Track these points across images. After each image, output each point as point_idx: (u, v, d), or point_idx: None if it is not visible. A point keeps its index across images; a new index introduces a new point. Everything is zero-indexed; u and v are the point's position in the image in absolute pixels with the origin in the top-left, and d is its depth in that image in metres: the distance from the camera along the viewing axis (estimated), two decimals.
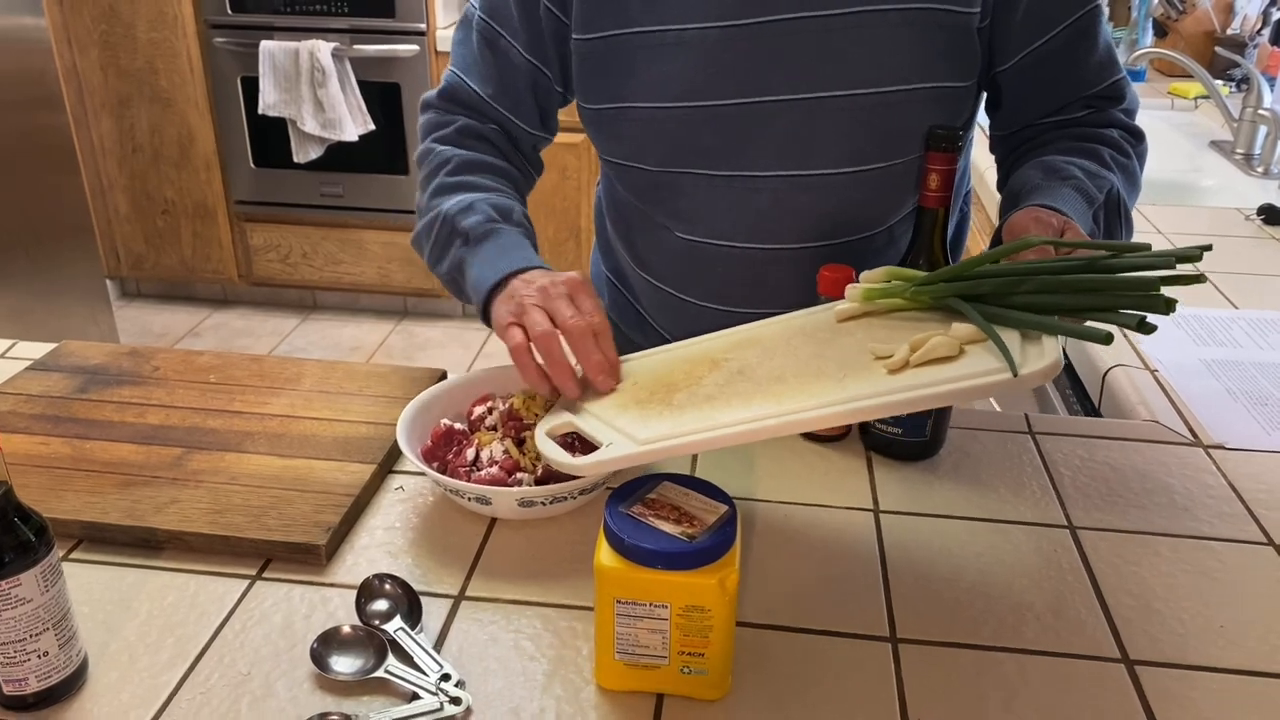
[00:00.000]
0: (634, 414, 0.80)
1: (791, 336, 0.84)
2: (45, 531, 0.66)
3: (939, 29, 0.91)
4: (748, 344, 0.86)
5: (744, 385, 0.78)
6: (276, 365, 1.10)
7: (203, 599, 0.78)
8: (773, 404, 0.74)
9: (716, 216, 1.00)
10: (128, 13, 3.08)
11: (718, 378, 0.81)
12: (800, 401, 0.73)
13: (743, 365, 0.82)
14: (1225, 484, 0.95)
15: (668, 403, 0.80)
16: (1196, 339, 1.20)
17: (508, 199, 1.01)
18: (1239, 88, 2.50)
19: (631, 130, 1.00)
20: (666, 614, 0.67)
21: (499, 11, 1.02)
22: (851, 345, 0.79)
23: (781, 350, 0.82)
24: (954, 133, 0.86)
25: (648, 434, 0.76)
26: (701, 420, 0.76)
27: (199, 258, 3.41)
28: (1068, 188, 0.91)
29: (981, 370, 0.70)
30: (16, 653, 0.66)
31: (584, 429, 0.82)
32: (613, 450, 0.76)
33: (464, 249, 0.97)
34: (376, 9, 3.00)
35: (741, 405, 0.76)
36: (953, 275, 0.80)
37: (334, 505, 0.86)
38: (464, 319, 3.47)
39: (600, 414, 0.83)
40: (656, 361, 0.89)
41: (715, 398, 0.78)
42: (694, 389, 0.81)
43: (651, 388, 0.83)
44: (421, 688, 0.69)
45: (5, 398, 1.03)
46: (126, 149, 3.27)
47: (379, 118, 3.11)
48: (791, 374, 0.78)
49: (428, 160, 1.06)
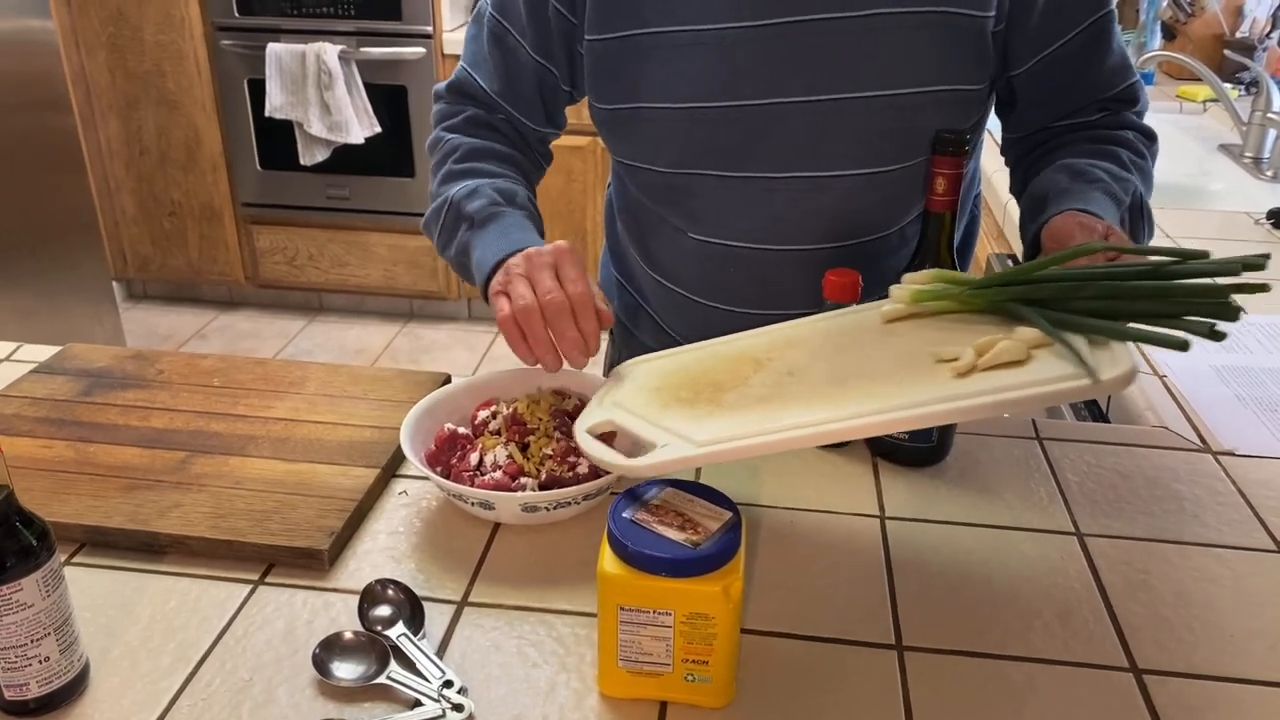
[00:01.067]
0: (681, 413, 0.78)
1: (836, 337, 0.83)
2: (47, 536, 0.66)
3: (955, 32, 0.91)
4: (789, 344, 0.85)
5: (799, 387, 0.77)
6: (281, 369, 1.10)
7: (205, 604, 0.78)
8: (836, 406, 0.72)
9: (731, 218, 1.00)
10: (135, 15, 3.09)
11: (766, 378, 0.79)
12: (866, 404, 0.71)
13: (791, 366, 0.80)
14: (1235, 491, 0.94)
15: (717, 402, 0.78)
16: (1206, 344, 1.19)
17: (512, 184, 1.02)
18: (1248, 91, 2.49)
19: (645, 131, 0.99)
20: (670, 621, 0.66)
21: (509, 9, 1.02)
22: (906, 348, 0.78)
23: (829, 351, 0.81)
24: (960, 136, 0.86)
25: (705, 435, 0.73)
26: (762, 422, 0.73)
27: (205, 260, 3.41)
28: (1096, 191, 0.91)
29: (1057, 376, 0.69)
30: (18, 658, 0.66)
31: (629, 428, 0.79)
32: (669, 451, 0.73)
33: (469, 232, 0.98)
34: (383, 12, 3.01)
35: (801, 407, 0.74)
36: (1010, 279, 0.79)
37: (337, 510, 0.86)
38: (470, 321, 3.47)
39: (643, 412, 0.81)
40: (690, 360, 0.88)
41: (770, 399, 0.76)
42: (742, 389, 0.79)
43: (694, 386, 0.82)
44: (424, 694, 0.69)
45: (9, 401, 1.03)
46: (133, 151, 3.28)
47: (385, 120, 3.11)
48: (850, 376, 0.76)
49: (437, 148, 1.07)
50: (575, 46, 1.01)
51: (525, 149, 1.10)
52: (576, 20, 0.98)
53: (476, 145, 1.05)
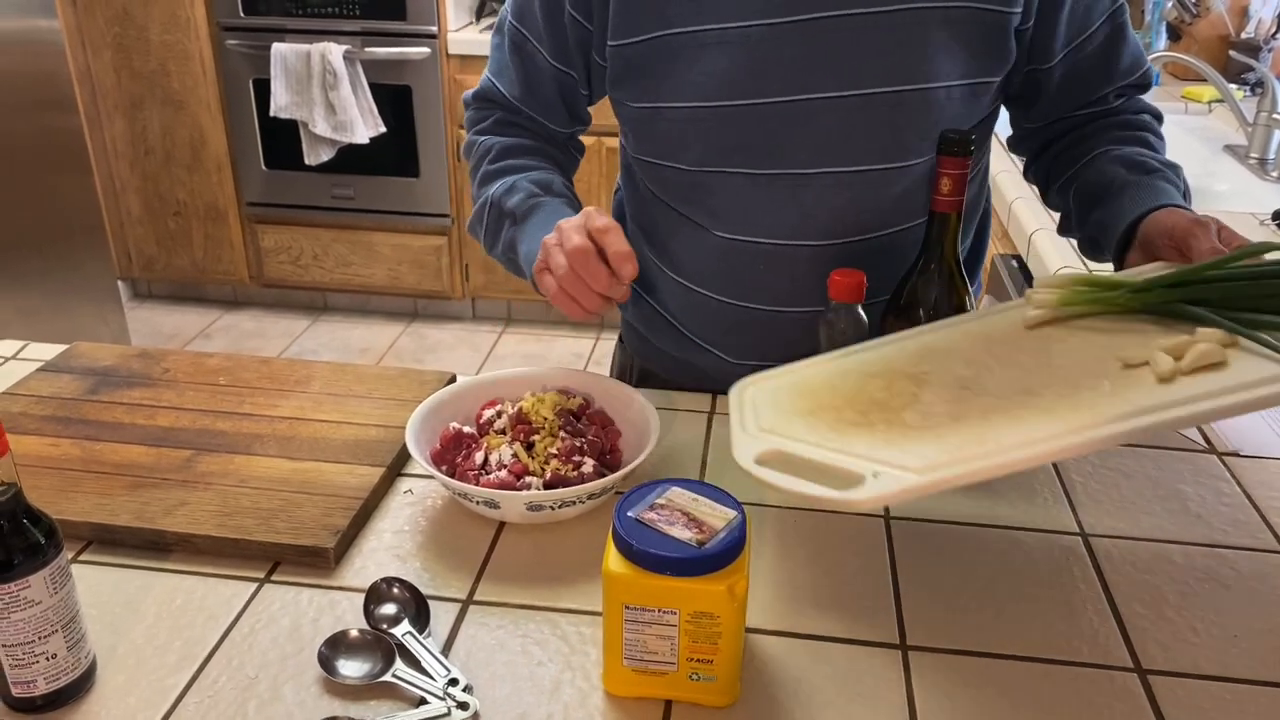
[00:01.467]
0: (864, 437, 0.73)
1: (988, 346, 0.81)
2: (54, 533, 0.66)
3: (979, 26, 0.93)
4: (934, 356, 0.82)
5: (985, 400, 0.73)
6: (286, 367, 1.10)
7: (211, 602, 0.78)
8: (1054, 419, 0.68)
9: (757, 214, 1.00)
10: (141, 15, 3.09)
11: (939, 394, 0.76)
12: (1087, 415, 0.67)
13: (959, 379, 0.77)
14: (1239, 491, 0.94)
15: (899, 424, 0.74)
16: None
17: (547, 174, 1.06)
18: (1253, 91, 2.48)
19: (671, 129, 1.00)
20: (675, 620, 0.66)
21: (526, 18, 1.04)
22: (1081, 354, 0.76)
23: (991, 362, 0.79)
24: (966, 137, 0.86)
25: (919, 460, 0.68)
26: (980, 442, 0.68)
27: (210, 259, 3.42)
28: (1160, 181, 0.94)
29: (1274, 376, 0.66)
30: (25, 655, 0.66)
31: (812, 457, 0.73)
32: (889, 483, 0.67)
33: (513, 229, 1.02)
34: (388, 12, 3.01)
35: (1013, 423, 0.69)
36: (1175, 280, 0.78)
37: (342, 508, 0.86)
38: (474, 321, 3.47)
39: (814, 439, 0.75)
40: (817, 380, 0.84)
41: (965, 417, 0.72)
42: (919, 408, 0.75)
43: (856, 407, 0.78)
44: (429, 692, 0.69)
45: (16, 399, 1.03)
46: (139, 151, 3.29)
47: (390, 120, 3.11)
48: (1038, 386, 0.73)
49: (472, 152, 1.12)
50: (591, 53, 1.01)
51: (555, 144, 1.13)
52: (593, 27, 0.99)
53: (508, 143, 1.09)
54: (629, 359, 1.24)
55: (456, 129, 3.12)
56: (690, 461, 0.97)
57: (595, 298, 0.88)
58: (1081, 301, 0.81)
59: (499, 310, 3.47)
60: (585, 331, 3.38)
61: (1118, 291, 0.80)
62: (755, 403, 0.84)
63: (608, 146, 3.03)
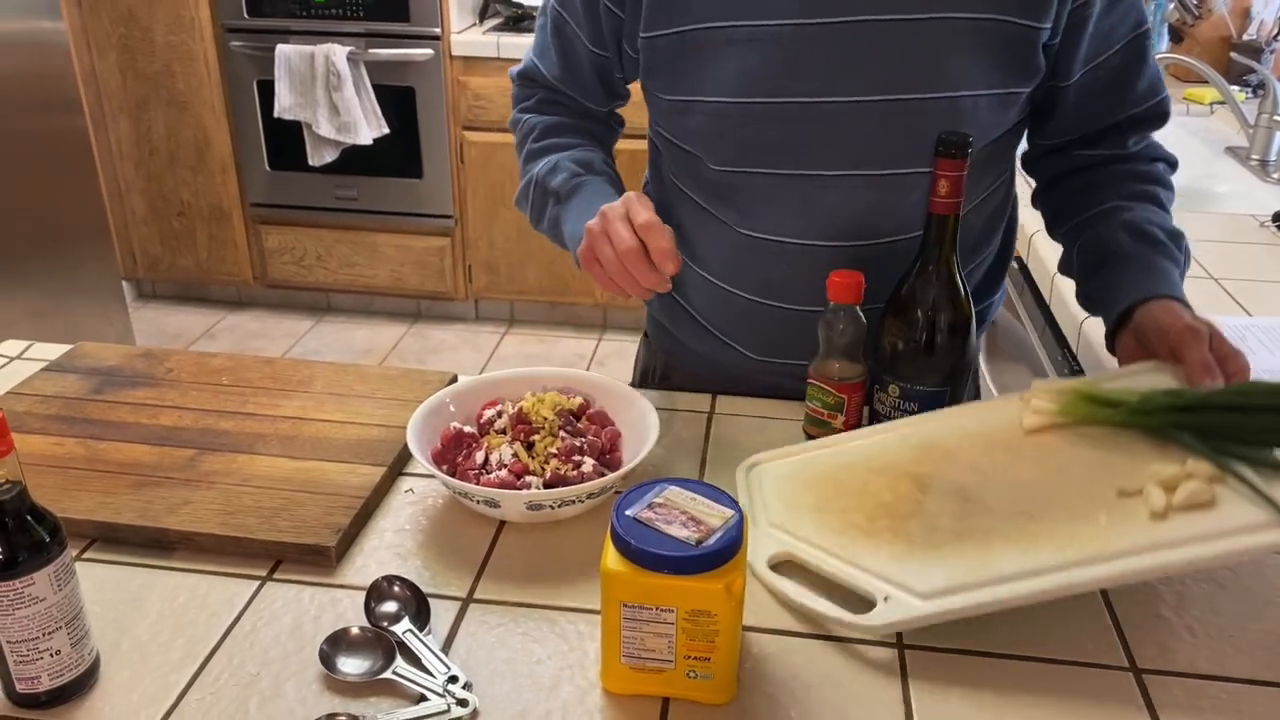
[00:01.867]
0: (870, 547, 0.79)
1: (988, 451, 0.85)
2: (59, 531, 0.67)
3: (1008, 39, 0.93)
4: (935, 454, 0.86)
5: (987, 521, 0.78)
6: (289, 368, 1.11)
7: (213, 599, 0.79)
8: (1053, 548, 0.74)
9: (782, 214, 1.01)
10: (146, 16, 3.10)
11: (942, 505, 0.81)
12: (1082, 550, 0.73)
13: (960, 488, 0.82)
14: None
15: (904, 535, 0.79)
16: None
17: (588, 152, 1.10)
18: (1255, 93, 2.48)
19: (699, 124, 1.01)
20: (673, 618, 0.67)
21: (567, 1, 1.07)
22: (1078, 473, 0.80)
23: (990, 469, 0.83)
24: (964, 139, 0.86)
25: (926, 585, 0.74)
26: (982, 569, 0.74)
27: (214, 260, 3.43)
28: (1162, 259, 0.97)
29: (1261, 522, 0.71)
30: (29, 651, 0.67)
31: (821, 567, 0.79)
32: (900, 610, 0.73)
33: (556, 207, 1.06)
34: (391, 13, 3.02)
35: (1015, 549, 0.75)
36: (1170, 405, 0.81)
37: (344, 507, 0.87)
38: (477, 322, 3.48)
39: (823, 543, 0.81)
40: (825, 466, 0.89)
41: (969, 536, 0.77)
42: (923, 519, 0.80)
43: (863, 509, 0.83)
44: (429, 689, 0.70)
45: (21, 398, 1.04)
46: (143, 151, 3.30)
47: (393, 121, 3.12)
48: (1037, 508, 0.78)
49: (517, 128, 1.17)
50: (623, 42, 1.04)
51: (595, 120, 1.17)
52: (624, 16, 1.01)
53: (551, 122, 1.13)
54: (653, 356, 1.25)
55: (460, 130, 3.13)
56: (689, 461, 0.97)
57: (640, 289, 0.91)
58: (1079, 415, 0.84)
59: (502, 311, 3.48)
60: (588, 332, 3.39)
61: (1115, 409, 0.83)
62: (763, 491, 0.90)
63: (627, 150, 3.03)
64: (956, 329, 0.92)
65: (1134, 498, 0.76)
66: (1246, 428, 0.78)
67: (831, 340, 0.96)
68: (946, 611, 0.72)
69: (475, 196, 3.20)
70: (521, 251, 3.24)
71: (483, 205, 3.21)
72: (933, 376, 0.93)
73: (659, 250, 0.88)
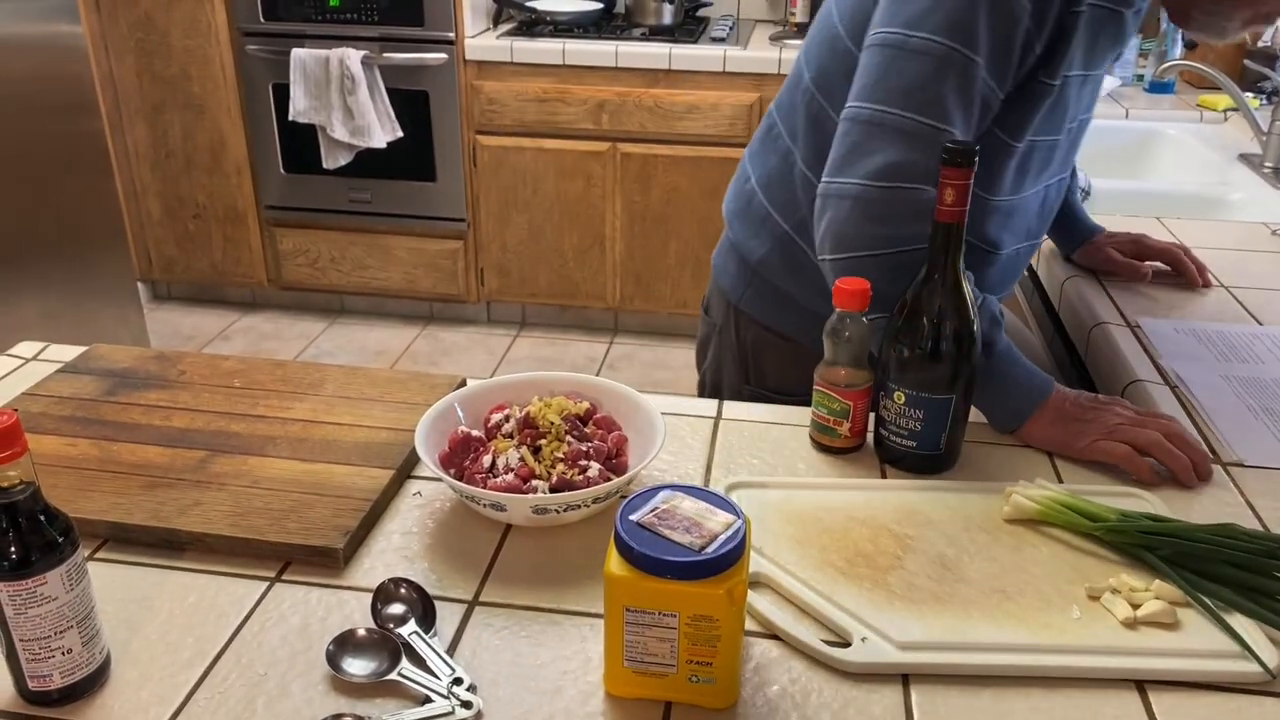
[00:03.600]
0: (847, 589, 0.80)
1: (966, 527, 0.89)
2: (71, 531, 0.68)
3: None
4: (917, 519, 0.89)
5: (965, 590, 0.81)
6: (300, 371, 1.12)
7: (222, 600, 0.80)
8: (1025, 629, 0.77)
9: (1024, 225, 1.18)
10: (163, 20, 3.13)
11: (923, 568, 0.83)
12: (1057, 638, 0.76)
13: (940, 556, 0.85)
14: (1243, 501, 0.94)
15: (886, 587, 0.81)
16: (1219, 355, 1.20)
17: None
18: (1269, 100, 2.47)
19: (1021, 160, 1.09)
20: (675, 623, 0.67)
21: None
22: (1051, 565, 0.84)
23: (971, 545, 0.86)
24: (970, 149, 0.87)
25: (903, 635, 0.75)
26: (958, 631, 0.76)
27: (229, 261, 3.45)
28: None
29: (1223, 650, 0.75)
30: (41, 649, 0.68)
31: (803, 598, 0.80)
32: (875, 653, 0.74)
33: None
34: (406, 18, 3.03)
35: (988, 623, 0.77)
36: (1147, 529, 0.85)
37: (353, 510, 0.88)
38: (489, 324, 3.49)
39: (803, 575, 0.82)
40: (806, 506, 0.90)
41: (947, 600, 0.79)
42: (902, 574, 0.82)
43: (841, 550, 0.85)
44: (434, 691, 0.70)
45: (37, 399, 1.05)
46: (160, 154, 3.32)
47: (407, 125, 3.13)
48: (1014, 590, 0.81)
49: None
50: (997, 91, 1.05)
51: None
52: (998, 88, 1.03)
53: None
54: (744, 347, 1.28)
55: (473, 134, 3.14)
56: (694, 467, 0.98)
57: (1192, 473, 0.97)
58: (1058, 519, 0.88)
59: (513, 314, 3.49)
60: (599, 335, 3.39)
61: (1094, 524, 0.86)
62: (745, 512, 0.90)
63: (623, 152, 3.05)
64: (962, 336, 0.92)
65: (1102, 600, 0.80)
66: (1221, 574, 0.81)
67: (837, 348, 0.97)
68: (921, 665, 0.74)
69: (488, 200, 3.22)
70: (533, 254, 3.25)
71: (495, 208, 3.23)
72: (939, 384, 0.93)
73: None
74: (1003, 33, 0.97)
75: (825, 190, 1.03)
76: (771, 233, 1.20)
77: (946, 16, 0.96)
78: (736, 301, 1.26)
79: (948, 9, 0.96)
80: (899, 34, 0.98)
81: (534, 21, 3.17)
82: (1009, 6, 0.96)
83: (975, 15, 0.96)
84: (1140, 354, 1.19)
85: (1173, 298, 1.35)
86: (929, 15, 0.97)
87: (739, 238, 1.25)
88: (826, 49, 1.12)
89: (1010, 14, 0.96)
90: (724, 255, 1.29)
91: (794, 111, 1.17)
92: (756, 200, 1.22)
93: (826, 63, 1.12)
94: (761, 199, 1.21)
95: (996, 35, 0.97)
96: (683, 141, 3.02)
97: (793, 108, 1.17)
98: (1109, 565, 0.84)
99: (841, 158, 1.01)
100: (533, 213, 3.20)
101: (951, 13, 0.96)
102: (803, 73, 1.16)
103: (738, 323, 1.27)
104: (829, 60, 1.11)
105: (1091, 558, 0.85)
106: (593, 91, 3.01)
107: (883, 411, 0.98)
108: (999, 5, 0.96)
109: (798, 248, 1.17)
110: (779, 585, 0.81)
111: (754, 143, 1.26)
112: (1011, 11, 0.96)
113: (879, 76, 0.99)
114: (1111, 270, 1.39)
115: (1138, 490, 0.94)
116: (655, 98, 2.98)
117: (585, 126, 3.05)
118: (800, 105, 1.15)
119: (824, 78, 1.12)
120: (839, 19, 1.10)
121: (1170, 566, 0.82)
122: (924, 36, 0.97)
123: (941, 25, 0.96)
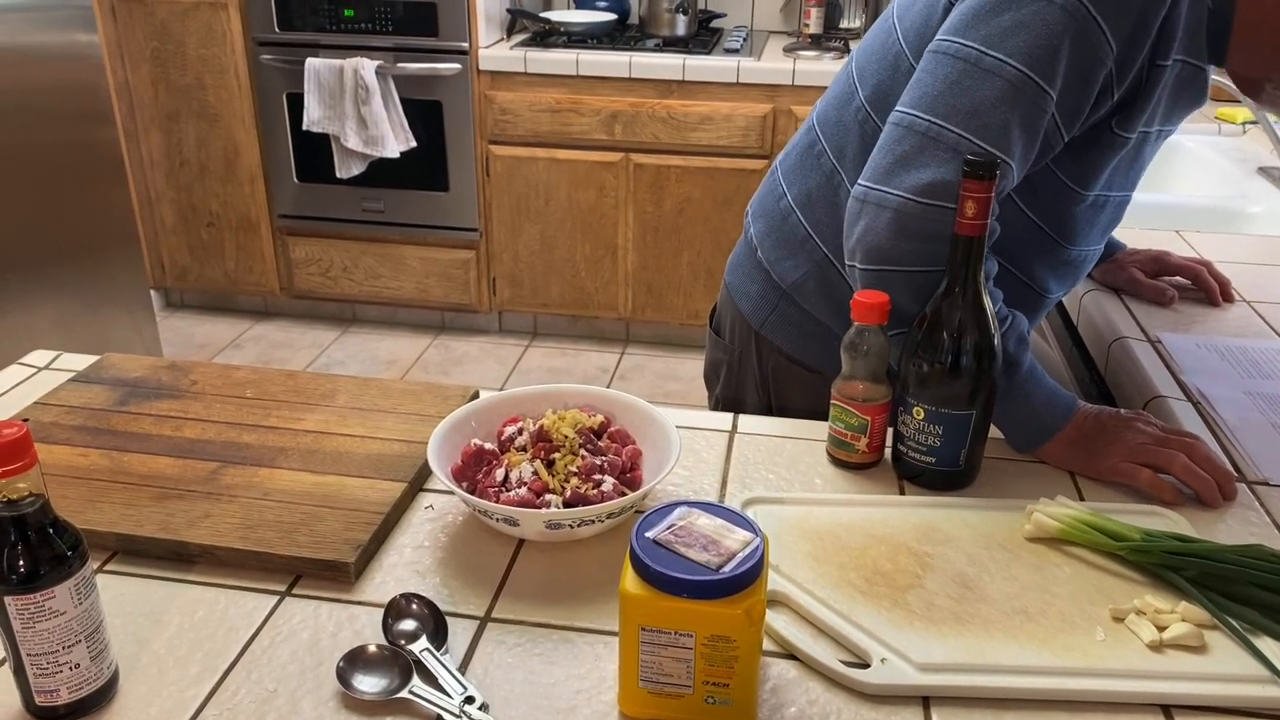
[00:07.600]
0: (866, 609, 0.79)
1: (987, 545, 0.87)
2: (80, 544, 0.67)
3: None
4: (936, 537, 0.88)
5: (986, 610, 0.79)
6: (311, 381, 1.11)
7: (232, 614, 0.79)
8: (1049, 651, 0.75)
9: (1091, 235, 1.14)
10: (178, 30, 3.14)
11: (943, 587, 0.82)
12: (1079, 660, 0.75)
13: (961, 575, 0.83)
14: (1268, 520, 0.92)
15: (906, 606, 0.79)
16: (1242, 371, 1.18)
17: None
18: None
19: (1091, 212, 1.07)
20: (692, 643, 0.66)
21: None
22: (1074, 586, 0.82)
23: (992, 565, 0.85)
24: (992, 162, 0.86)
25: (922, 656, 0.74)
26: (979, 653, 0.75)
27: (242, 270, 3.46)
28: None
29: (1251, 675, 0.74)
30: (49, 664, 0.67)
31: (819, 616, 0.78)
32: (894, 674, 0.73)
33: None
34: (420, 28, 3.04)
35: (1009, 644, 0.76)
36: (1173, 550, 0.83)
37: (364, 523, 0.87)
38: (500, 334, 3.48)
39: (820, 593, 0.80)
40: (824, 523, 0.89)
41: (968, 620, 0.78)
42: (921, 593, 0.81)
43: (860, 569, 0.83)
44: (445, 709, 0.69)
45: (48, 409, 1.05)
46: (174, 163, 3.34)
47: (420, 135, 3.14)
48: (1035, 611, 0.79)
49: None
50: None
51: None
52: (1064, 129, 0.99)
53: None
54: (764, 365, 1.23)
55: (486, 144, 3.14)
56: (710, 482, 0.97)
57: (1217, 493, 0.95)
58: (1081, 539, 0.86)
59: (525, 324, 3.48)
60: (611, 345, 3.38)
61: (1118, 543, 0.85)
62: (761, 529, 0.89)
63: (635, 163, 3.04)
64: (983, 351, 0.91)
65: (1127, 621, 0.78)
66: (1248, 595, 0.80)
67: (854, 361, 0.96)
68: (942, 687, 0.72)
69: (500, 210, 3.22)
70: (545, 265, 3.25)
71: (507, 218, 3.22)
72: (958, 400, 0.92)
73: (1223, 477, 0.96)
74: (1083, 71, 0.92)
75: (864, 195, 0.97)
76: (810, 256, 1.14)
77: (1028, 42, 0.91)
78: (759, 327, 1.20)
79: (1032, 34, 0.91)
80: (974, 49, 0.92)
81: (548, 32, 3.17)
82: (1095, 44, 0.91)
83: (1059, 47, 0.91)
84: (1161, 369, 1.18)
85: (1194, 312, 1.33)
86: (1009, 36, 0.91)
87: (771, 258, 1.18)
88: (887, 67, 1.06)
89: (1095, 53, 0.92)
90: (745, 274, 1.22)
91: (843, 130, 1.10)
92: (793, 219, 1.16)
93: (886, 82, 1.06)
94: (799, 218, 1.15)
95: (1076, 72, 0.92)
96: (696, 152, 3.01)
97: (841, 125, 1.11)
98: (1133, 586, 0.83)
99: (888, 166, 0.96)
100: (545, 223, 3.20)
101: (1035, 39, 0.90)
102: (855, 89, 1.10)
103: (759, 349, 1.21)
104: (889, 80, 1.05)
105: (1115, 578, 0.84)
106: (606, 102, 3.01)
107: (901, 427, 0.96)
108: (1086, 40, 0.91)
109: (836, 274, 1.12)
110: (796, 604, 0.80)
111: (790, 156, 1.19)
112: (1097, 51, 0.91)
113: (944, 90, 0.93)
114: (1134, 292, 1.36)
115: (1161, 509, 0.92)
116: (669, 108, 2.98)
117: (598, 137, 3.05)
118: (852, 124, 1.09)
119: (882, 98, 1.05)
120: (902, 36, 1.05)
121: (1196, 588, 0.80)
122: (1000, 58, 0.91)
123: (1021, 50, 0.91)
